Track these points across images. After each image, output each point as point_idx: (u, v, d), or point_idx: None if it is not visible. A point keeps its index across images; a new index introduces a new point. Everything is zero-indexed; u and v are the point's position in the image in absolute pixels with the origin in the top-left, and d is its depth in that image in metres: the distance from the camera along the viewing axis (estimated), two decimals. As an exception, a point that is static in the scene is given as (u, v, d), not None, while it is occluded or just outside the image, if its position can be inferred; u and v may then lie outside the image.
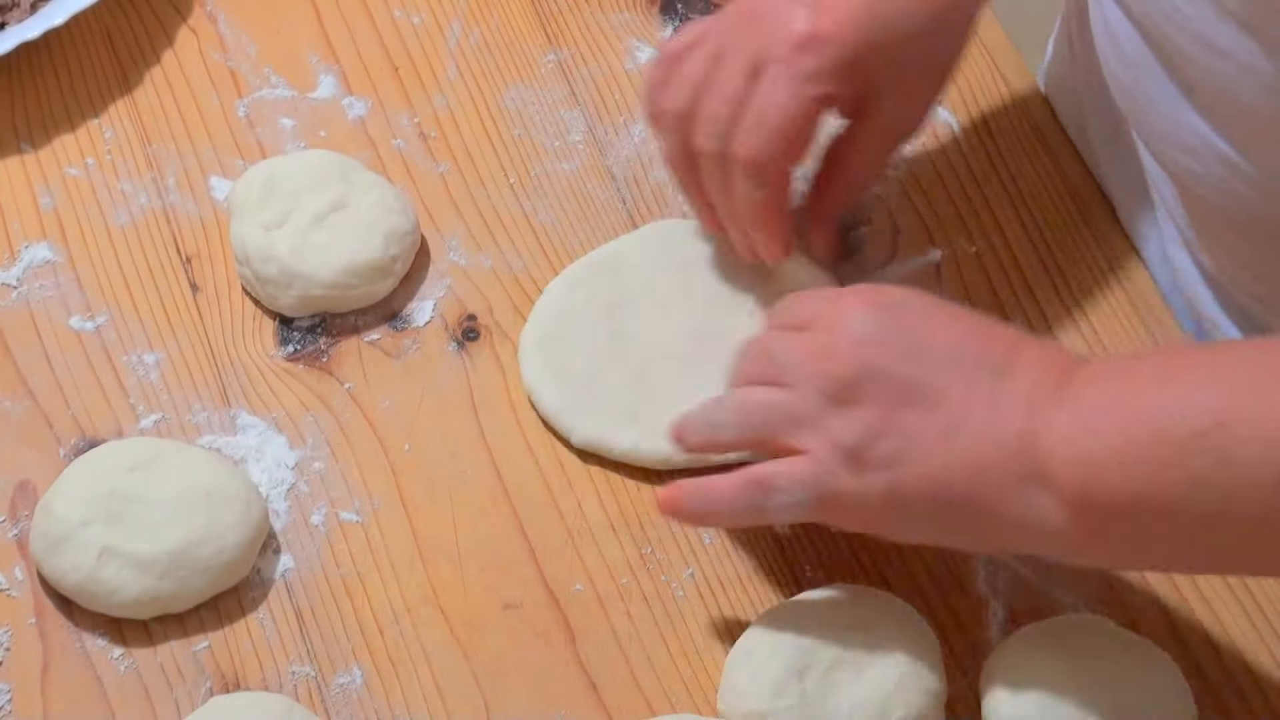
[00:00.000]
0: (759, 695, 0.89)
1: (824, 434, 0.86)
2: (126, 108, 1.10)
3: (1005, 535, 0.86)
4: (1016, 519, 0.84)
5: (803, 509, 0.88)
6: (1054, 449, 0.83)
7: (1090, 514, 0.82)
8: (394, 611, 0.94)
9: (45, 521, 0.93)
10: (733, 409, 0.90)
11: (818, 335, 0.89)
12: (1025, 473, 0.83)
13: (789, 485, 0.87)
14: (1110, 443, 0.81)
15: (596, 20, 1.15)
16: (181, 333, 1.02)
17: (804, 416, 0.87)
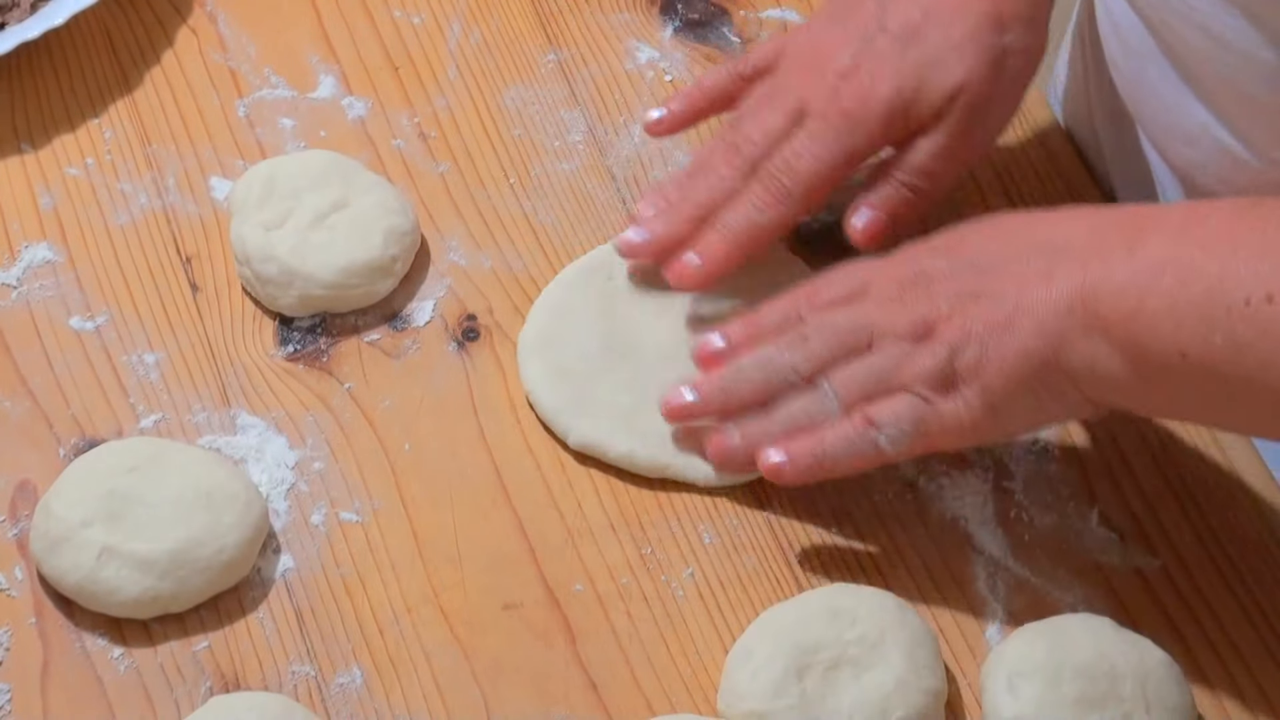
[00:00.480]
0: (759, 695, 0.89)
1: (911, 371, 0.91)
2: (126, 108, 1.10)
3: (1085, 391, 0.88)
4: (1084, 371, 0.87)
5: (908, 439, 0.91)
6: (1110, 301, 0.85)
7: (1144, 364, 0.85)
8: (394, 611, 0.94)
9: (45, 521, 0.93)
10: (835, 393, 0.92)
11: (882, 292, 0.92)
12: (1084, 325, 0.86)
13: (893, 420, 0.91)
14: (1164, 300, 0.84)
15: (596, 20, 1.15)
16: (181, 333, 1.02)
17: (892, 366, 0.91)
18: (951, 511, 0.98)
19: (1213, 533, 0.98)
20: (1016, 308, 0.88)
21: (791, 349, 0.94)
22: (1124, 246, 0.86)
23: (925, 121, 0.98)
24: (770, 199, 0.99)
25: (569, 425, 0.99)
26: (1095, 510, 0.98)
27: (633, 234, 1.01)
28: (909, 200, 0.99)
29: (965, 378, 0.90)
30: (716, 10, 1.16)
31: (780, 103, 0.99)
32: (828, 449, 0.92)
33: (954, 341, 0.89)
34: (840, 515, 0.97)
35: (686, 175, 1.02)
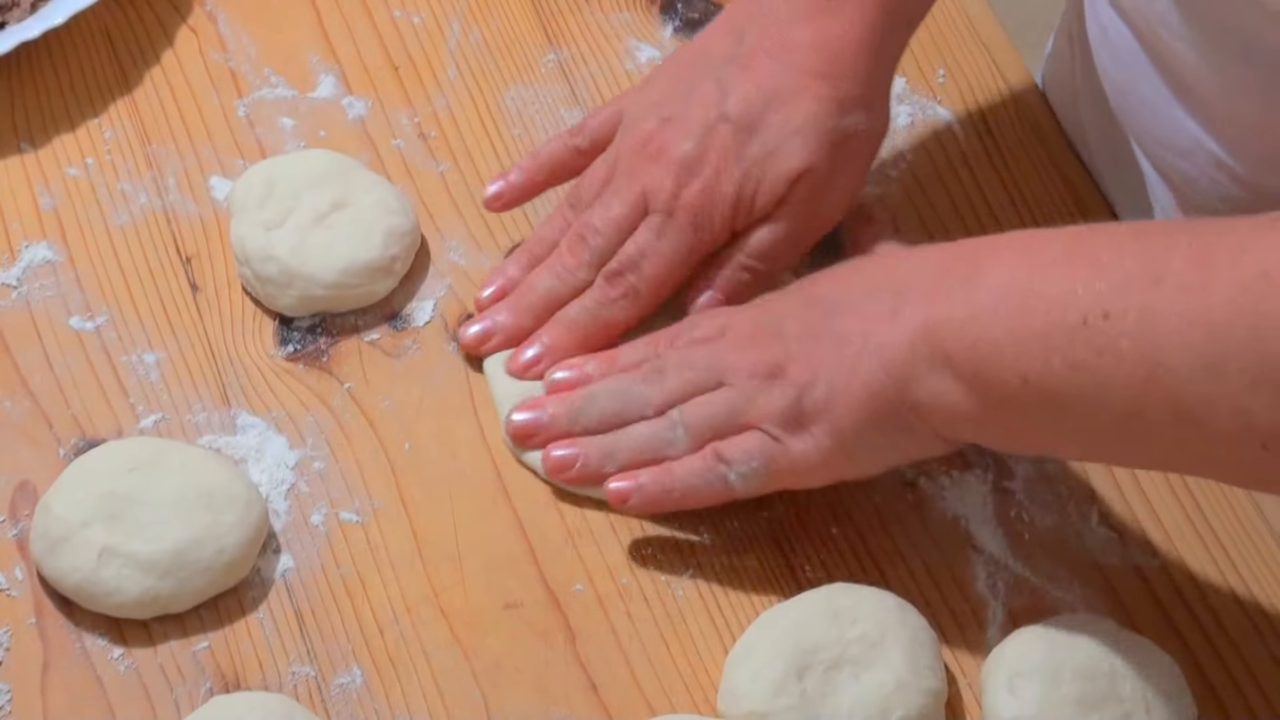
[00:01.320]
0: (759, 695, 0.89)
1: (762, 409, 0.91)
2: (126, 108, 1.10)
3: (934, 426, 0.89)
4: (931, 406, 0.87)
5: (759, 478, 0.92)
6: (953, 333, 0.86)
7: (988, 394, 0.85)
8: (394, 611, 0.94)
9: (45, 521, 0.93)
10: (683, 423, 0.93)
11: (738, 334, 0.93)
12: (929, 359, 0.87)
13: (742, 456, 0.92)
14: (1004, 327, 0.84)
15: (596, 20, 1.15)
16: (181, 333, 1.02)
17: (743, 403, 0.92)
18: (951, 511, 0.98)
19: (1213, 532, 0.98)
20: (863, 346, 0.89)
21: (646, 382, 0.95)
22: (965, 278, 0.86)
23: (767, 210, 0.98)
24: (617, 295, 0.99)
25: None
26: (1095, 510, 0.98)
27: (478, 326, 1.01)
28: (746, 282, 1.00)
29: (814, 416, 0.90)
30: (716, 10, 1.16)
31: (624, 192, 0.99)
32: (676, 481, 0.93)
33: (802, 381, 0.90)
34: (840, 515, 0.97)
35: (527, 260, 1.02)
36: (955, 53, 1.15)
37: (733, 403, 0.92)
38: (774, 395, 0.91)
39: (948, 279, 0.87)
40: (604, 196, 1.00)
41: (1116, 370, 0.81)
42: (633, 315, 1.00)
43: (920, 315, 0.87)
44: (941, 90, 1.13)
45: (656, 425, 0.94)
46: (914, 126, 1.12)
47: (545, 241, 1.02)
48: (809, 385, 0.90)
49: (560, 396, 0.97)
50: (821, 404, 0.90)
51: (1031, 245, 0.86)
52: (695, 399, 0.93)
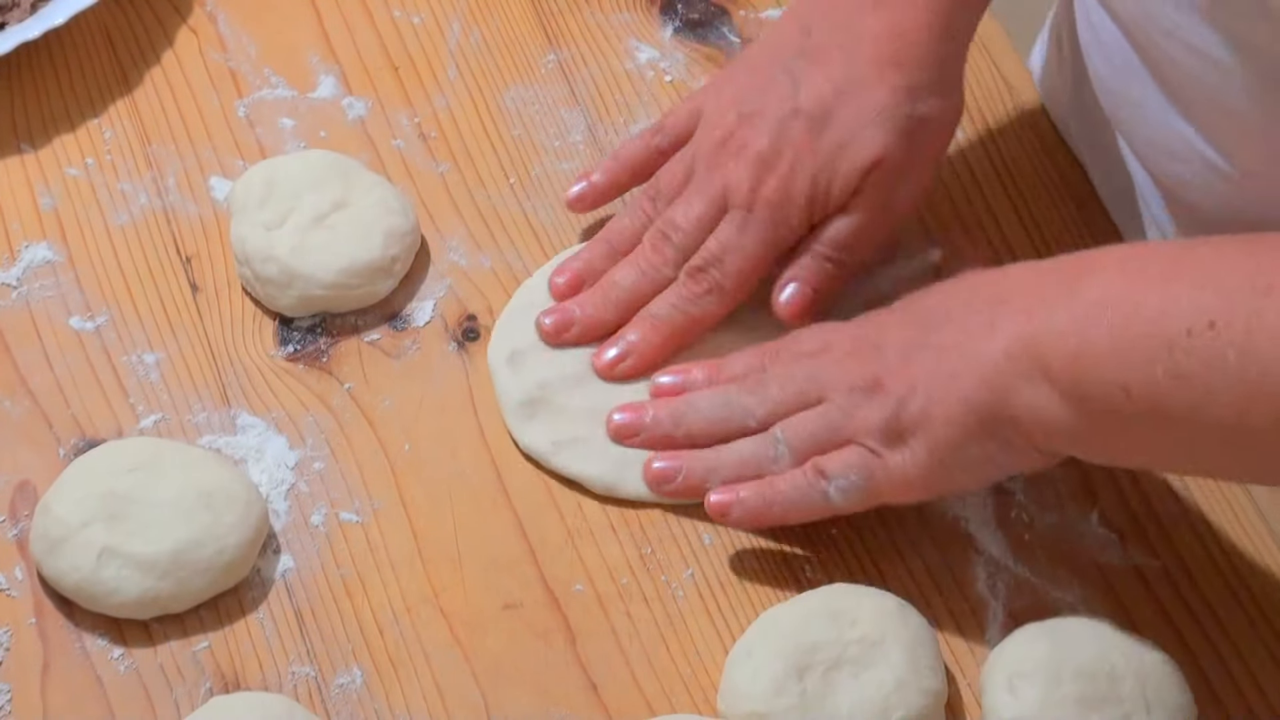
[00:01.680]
0: (759, 695, 0.89)
1: (861, 423, 0.91)
2: (126, 108, 1.10)
3: (1031, 439, 0.88)
4: (1030, 419, 0.87)
5: (858, 492, 0.92)
6: (1052, 344, 0.85)
7: (1087, 407, 0.85)
8: (394, 611, 0.94)
9: (45, 521, 0.93)
10: (785, 440, 0.93)
11: (839, 349, 0.94)
12: (1028, 371, 0.86)
13: (841, 469, 0.92)
14: (1106, 338, 0.84)
15: (596, 20, 1.15)
16: (181, 333, 1.02)
17: (843, 418, 0.92)
18: (951, 511, 0.98)
19: (1213, 533, 0.98)
20: (960, 359, 0.89)
21: (749, 393, 0.95)
22: (1065, 290, 0.86)
23: (843, 201, 0.99)
24: (701, 291, 1.00)
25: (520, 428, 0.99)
26: (1095, 510, 0.98)
27: (557, 315, 1.01)
28: (831, 273, 1.00)
29: (912, 430, 0.90)
30: (716, 10, 1.16)
31: (704, 189, 1.00)
32: (777, 495, 0.93)
33: (900, 393, 0.90)
34: (840, 516, 0.97)
35: (612, 251, 1.03)
36: (955, 53, 1.15)
37: (832, 418, 0.92)
38: (872, 409, 0.91)
39: (1047, 292, 0.87)
40: (685, 194, 1.01)
41: (1222, 381, 0.80)
42: (717, 310, 1.00)
43: (1018, 327, 0.87)
44: (941, 90, 1.13)
45: (759, 443, 0.94)
46: (914, 127, 1.12)
47: (623, 233, 1.03)
48: (906, 398, 0.90)
49: (664, 401, 0.97)
50: (919, 417, 0.90)
51: (1133, 258, 0.87)
52: (797, 415, 0.93)
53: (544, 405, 0.99)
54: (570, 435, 0.98)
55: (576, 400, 0.99)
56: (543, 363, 1.00)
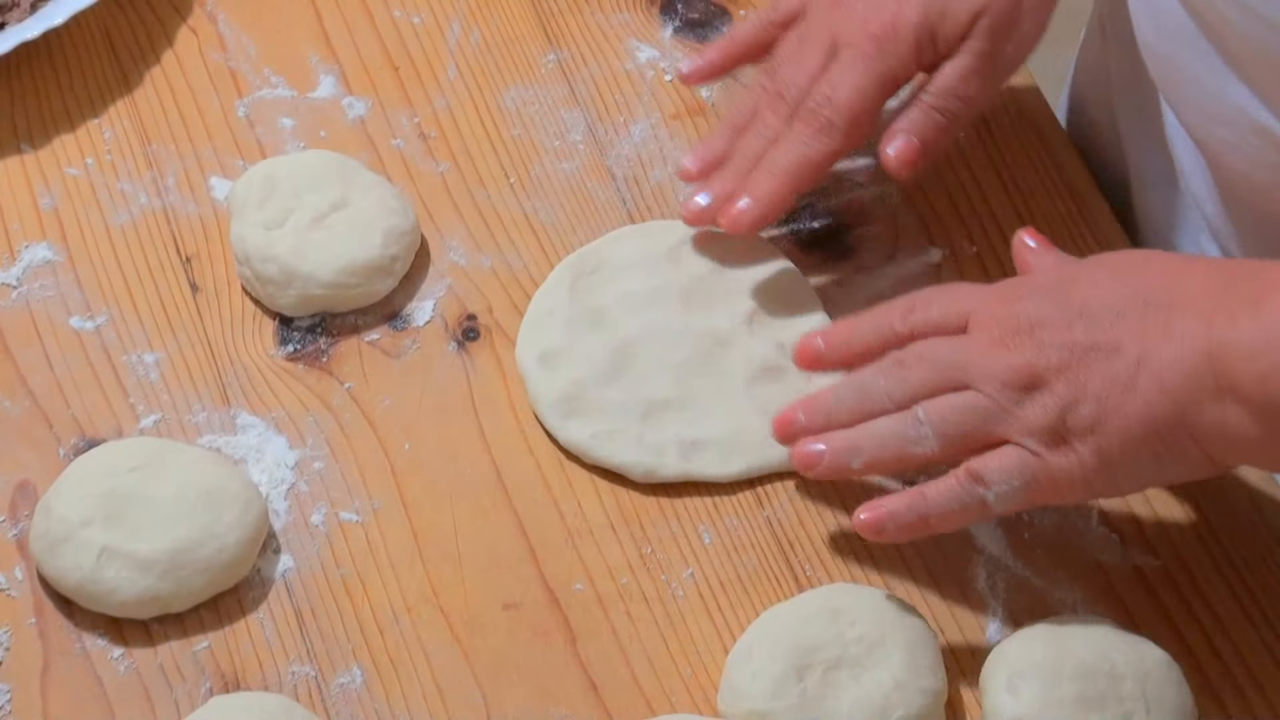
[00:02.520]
0: (759, 695, 0.89)
1: (1019, 422, 0.89)
2: (126, 108, 1.10)
3: (1213, 452, 0.87)
4: (1214, 434, 0.85)
5: (1019, 495, 0.90)
6: (1240, 363, 0.84)
7: (1277, 422, 0.83)
8: (394, 611, 0.94)
9: (45, 521, 0.93)
10: (929, 422, 0.91)
11: (985, 332, 0.90)
12: (1215, 388, 0.84)
13: (1001, 476, 0.89)
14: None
15: (596, 20, 1.15)
16: (181, 333, 1.02)
17: (997, 412, 0.89)
18: (952, 511, 0.98)
19: (1213, 533, 0.98)
20: (1138, 366, 0.86)
21: (888, 375, 0.93)
22: (1249, 303, 0.84)
23: (952, 44, 0.99)
24: (813, 132, 1.00)
25: (560, 424, 0.99)
26: (1095, 510, 0.98)
27: (701, 199, 1.02)
28: (940, 124, 1.00)
29: (1079, 434, 0.87)
30: (716, 10, 1.16)
31: (815, 43, 1.01)
32: (931, 506, 0.91)
33: (1067, 396, 0.87)
34: (840, 515, 0.97)
35: (735, 131, 1.03)
36: (955, 53, 1.15)
37: (985, 411, 0.89)
38: (1034, 409, 0.88)
39: (1229, 299, 0.85)
40: (798, 54, 1.01)
41: None
42: (832, 148, 1.00)
43: (1201, 337, 0.85)
44: (941, 90, 1.13)
45: (901, 421, 0.91)
46: (914, 126, 1.12)
47: (745, 112, 1.03)
48: (1076, 402, 0.87)
49: (815, 401, 0.95)
50: (1090, 422, 0.87)
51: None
52: (941, 398, 0.90)
53: (580, 401, 0.99)
54: (607, 428, 0.99)
55: (610, 394, 1.00)
56: (574, 361, 1.00)
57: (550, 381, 1.00)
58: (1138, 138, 1.12)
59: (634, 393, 1.00)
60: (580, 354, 1.01)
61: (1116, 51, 1.12)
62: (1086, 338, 0.88)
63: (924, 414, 0.90)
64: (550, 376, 1.00)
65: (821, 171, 1.01)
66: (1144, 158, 1.11)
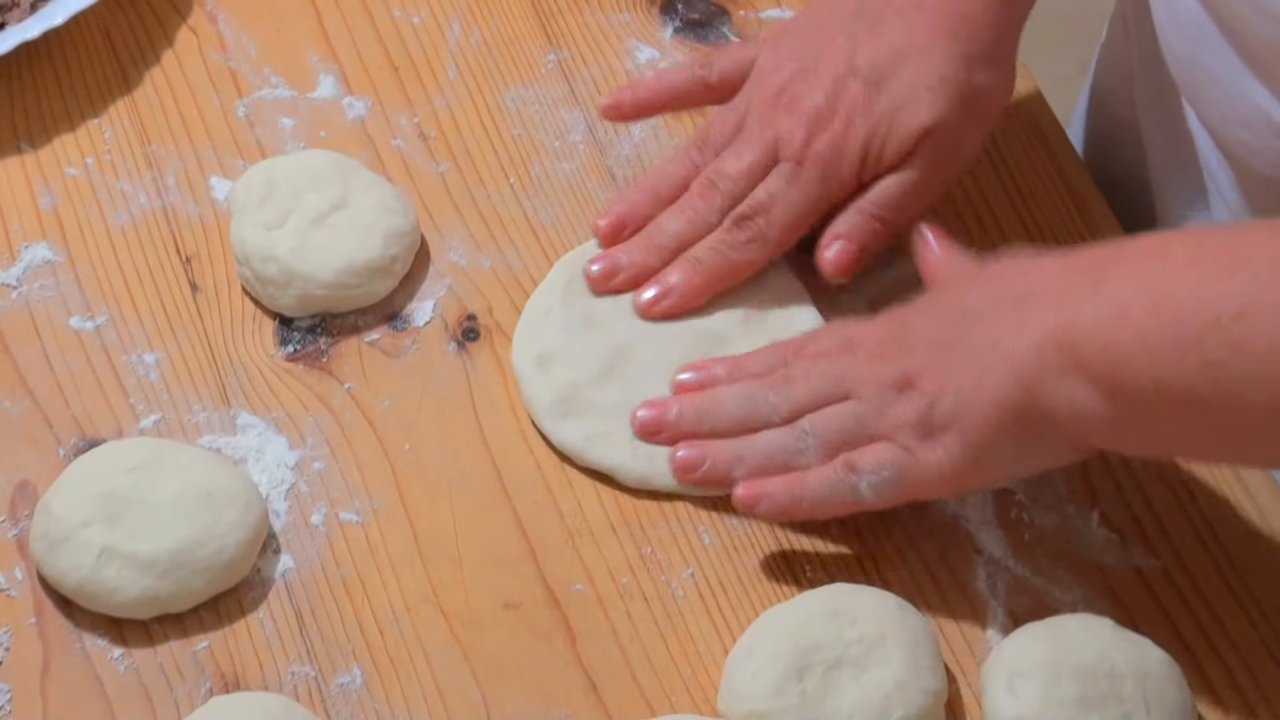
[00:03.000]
0: (759, 695, 0.89)
1: (891, 420, 0.92)
2: (126, 108, 1.10)
3: (1066, 433, 0.88)
4: (1065, 413, 0.87)
5: (890, 487, 0.92)
6: (1083, 337, 0.86)
7: (1122, 398, 0.85)
8: (394, 611, 0.94)
9: (45, 521, 0.93)
10: (814, 433, 0.94)
11: (865, 348, 0.94)
12: (1060, 366, 0.86)
13: (873, 466, 0.92)
14: (1135, 330, 0.84)
15: (596, 20, 1.15)
16: (181, 333, 1.02)
17: (873, 414, 0.92)
18: (951, 511, 0.98)
19: (1213, 533, 0.98)
20: (991, 356, 0.89)
21: (774, 390, 0.95)
22: (1092, 283, 0.87)
23: (894, 163, 1.00)
24: (744, 240, 1.01)
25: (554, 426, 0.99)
26: (1095, 510, 0.98)
27: (603, 263, 1.02)
28: (877, 232, 1.01)
29: (945, 426, 0.90)
30: (716, 10, 1.16)
31: (756, 140, 1.01)
32: (807, 490, 0.93)
33: (932, 391, 0.90)
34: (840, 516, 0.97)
35: (655, 196, 1.03)
36: (955, 53, 1.15)
37: (862, 413, 0.92)
38: (904, 406, 0.91)
39: (1075, 285, 0.87)
40: (736, 144, 1.02)
41: (1255, 369, 0.80)
42: (758, 259, 1.01)
43: (1049, 321, 0.87)
44: (941, 90, 1.13)
45: (785, 434, 0.94)
46: (914, 127, 1.12)
47: (669, 180, 1.04)
48: (939, 396, 0.90)
49: (688, 397, 0.97)
50: (952, 414, 0.90)
51: (1158, 247, 0.87)
52: (825, 410, 0.94)
53: (575, 403, 0.99)
54: (602, 430, 0.99)
55: (605, 397, 0.99)
56: (570, 363, 1.00)
57: (545, 383, 1.00)
58: (1160, 135, 1.12)
59: (629, 395, 1.00)
60: (576, 355, 1.01)
61: (1139, 48, 1.12)
62: (948, 336, 0.91)
63: (809, 425, 0.94)
64: (545, 378, 1.00)
65: (743, 278, 1.02)
66: (1166, 154, 1.11)
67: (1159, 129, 1.12)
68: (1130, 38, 1.15)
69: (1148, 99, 1.13)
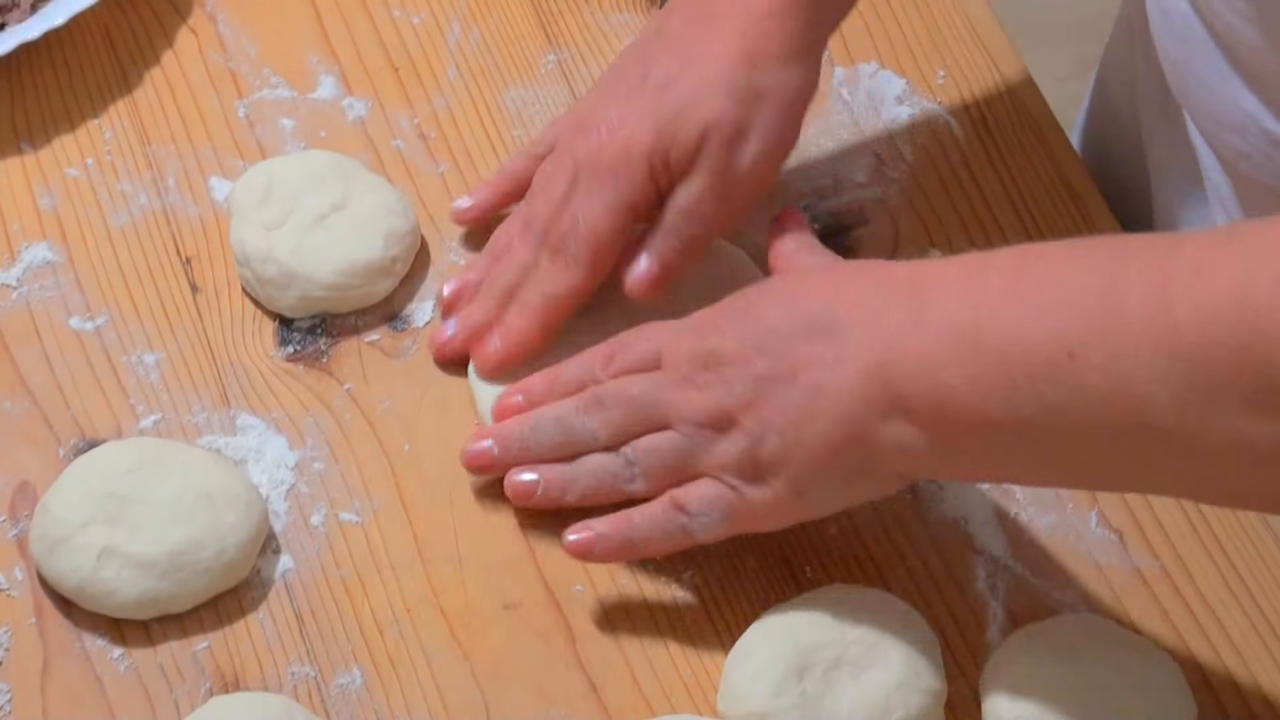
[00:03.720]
0: (759, 695, 0.89)
1: (715, 459, 0.91)
2: (126, 108, 1.10)
3: (893, 468, 0.88)
4: (892, 451, 0.86)
5: (720, 525, 0.92)
6: (906, 377, 0.85)
7: (949, 438, 0.85)
8: (394, 612, 0.94)
9: (45, 522, 0.93)
10: (638, 462, 0.93)
11: (676, 370, 0.92)
12: (885, 410, 0.86)
13: (700, 507, 0.91)
14: (961, 372, 0.83)
15: (596, 20, 1.15)
16: (181, 333, 1.02)
17: (695, 450, 0.91)
18: (951, 512, 0.98)
19: (1213, 533, 0.98)
20: (813, 395, 0.87)
21: (589, 413, 0.94)
22: (910, 315, 0.85)
23: (685, 165, 0.98)
24: (559, 268, 0.99)
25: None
26: (1095, 510, 0.98)
27: (448, 331, 1.01)
28: (677, 247, 0.99)
29: (770, 468, 0.89)
30: (716, 10, 1.16)
31: (560, 172, 1.00)
32: (636, 531, 0.93)
33: (754, 432, 0.89)
34: (840, 516, 0.97)
35: (493, 259, 1.02)
36: (955, 54, 1.15)
37: (685, 450, 0.92)
38: (726, 447, 0.90)
39: (889, 315, 0.86)
40: (547, 184, 1.01)
41: (1092, 408, 0.79)
42: (579, 282, 0.99)
43: (868, 358, 0.86)
44: (941, 91, 1.13)
45: (612, 461, 0.94)
46: (914, 128, 1.12)
47: (504, 238, 1.03)
48: (762, 438, 0.89)
49: (506, 426, 0.96)
50: (777, 455, 0.89)
51: (973, 276, 0.85)
52: (646, 440, 0.93)
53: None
54: None
55: None
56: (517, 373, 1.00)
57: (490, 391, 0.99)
58: (1160, 137, 1.12)
59: None
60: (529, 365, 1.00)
61: (1143, 50, 1.13)
62: (765, 369, 0.89)
63: (633, 454, 0.93)
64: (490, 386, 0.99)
65: (572, 307, 1.00)
66: (1166, 157, 1.11)
67: (1159, 131, 1.12)
68: (1135, 40, 1.15)
69: (1150, 101, 1.13)
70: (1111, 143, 1.18)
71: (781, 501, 0.90)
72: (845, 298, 0.88)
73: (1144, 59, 1.13)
